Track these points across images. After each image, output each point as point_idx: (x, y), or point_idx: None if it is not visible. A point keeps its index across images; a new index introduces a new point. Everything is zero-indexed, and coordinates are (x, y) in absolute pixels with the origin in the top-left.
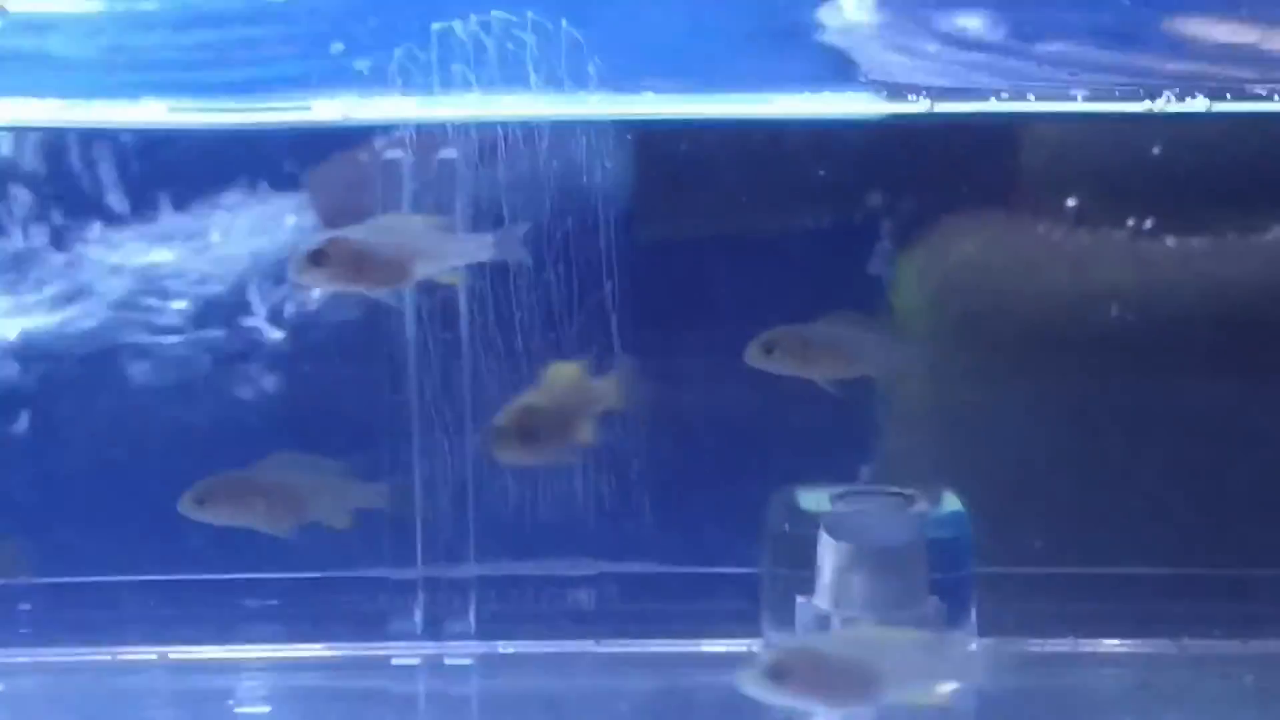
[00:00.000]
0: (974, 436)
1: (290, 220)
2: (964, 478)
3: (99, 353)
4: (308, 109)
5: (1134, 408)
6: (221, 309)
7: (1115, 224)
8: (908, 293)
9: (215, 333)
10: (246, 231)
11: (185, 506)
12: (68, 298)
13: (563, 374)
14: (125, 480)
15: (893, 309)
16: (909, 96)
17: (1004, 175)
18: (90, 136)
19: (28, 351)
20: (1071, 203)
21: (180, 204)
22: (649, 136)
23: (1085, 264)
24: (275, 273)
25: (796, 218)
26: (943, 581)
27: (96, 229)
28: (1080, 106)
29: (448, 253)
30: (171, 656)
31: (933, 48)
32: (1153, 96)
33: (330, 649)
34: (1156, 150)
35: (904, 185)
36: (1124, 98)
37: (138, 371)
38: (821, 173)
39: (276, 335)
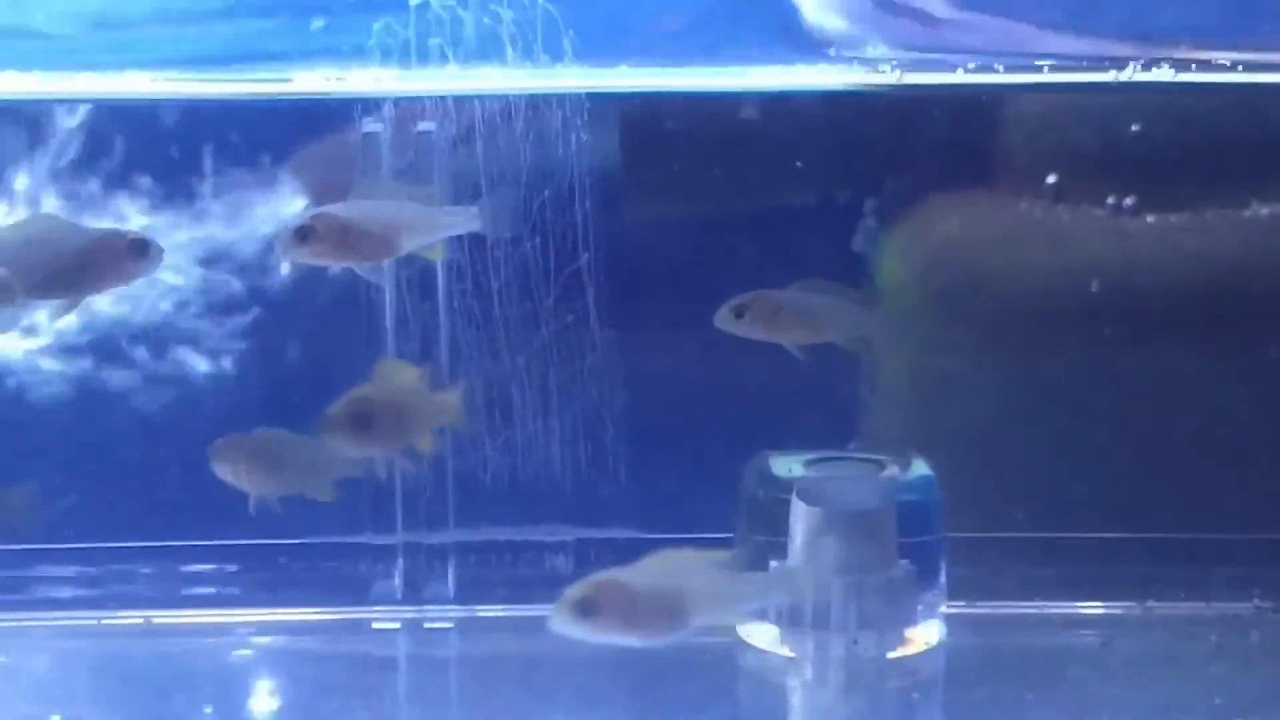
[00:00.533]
0: (949, 406)
1: (273, 194)
2: (937, 445)
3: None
4: (288, 80)
5: (1107, 378)
6: (201, 280)
7: (1095, 201)
8: (891, 268)
9: (194, 305)
10: (228, 204)
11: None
12: None
13: (397, 371)
14: (116, 451)
15: (876, 284)
16: (879, 68)
17: (985, 152)
18: (75, 108)
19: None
20: (1052, 179)
21: (161, 176)
22: (628, 110)
23: (1065, 240)
24: (254, 247)
25: (778, 193)
26: (912, 545)
27: (81, 200)
28: (1046, 78)
29: (435, 226)
30: (156, 621)
31: (904, 18)
32: (1119, 68)
33: (312, 613)
34: (1136, 127)
35: (887, 162)
36: (1090, 69)
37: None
38: (804, 150)
39: (256, 308)
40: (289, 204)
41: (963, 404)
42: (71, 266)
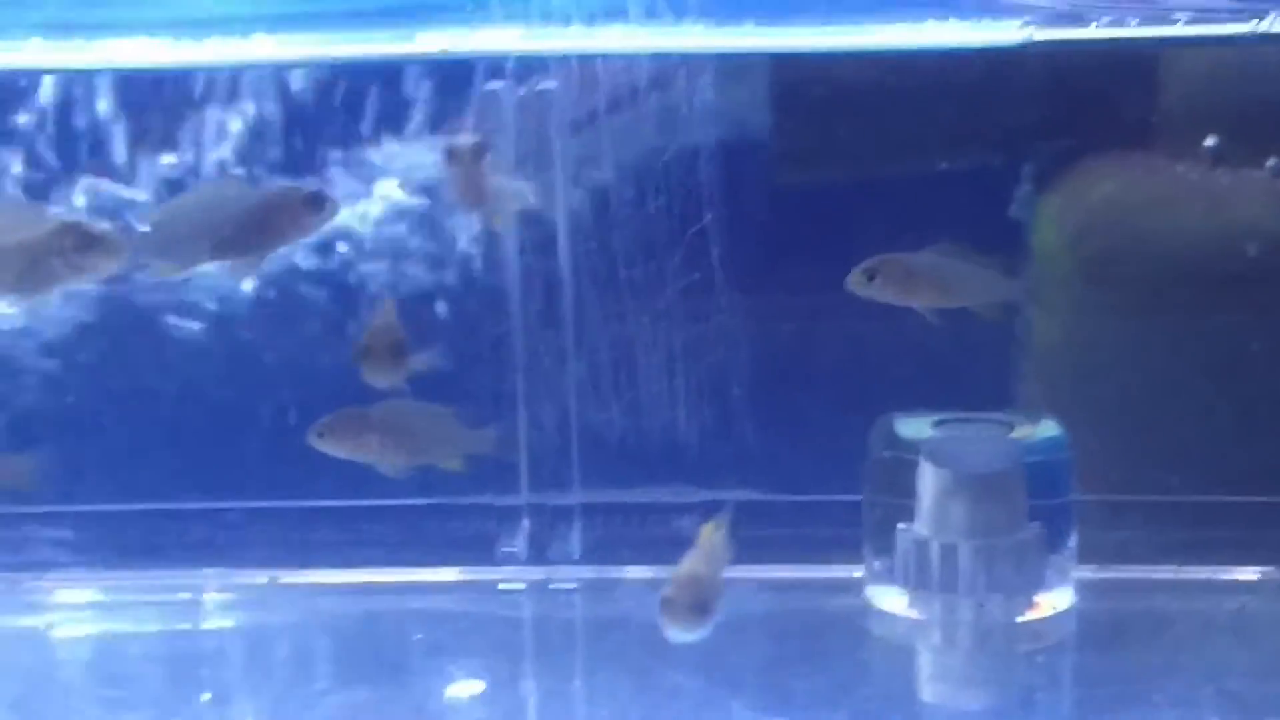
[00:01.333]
0: (1098, 370)
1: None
2: (1083, 408)
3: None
4: (411, 40)
5: (1259, 344)
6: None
7: (1254, 162)
8: (1045, 232)
9: (324, 270)
10: (352, 165)
11: (311, 439)
12: None
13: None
14: (252, 413)
15: (1028, 248)
16: (1020, 23)
17: (1143, 113)
18: (208, 73)
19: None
20: (1210, 141)
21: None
22: (755, 68)
23: (1222, 203)
24: (382, 207)
25: (908, 155)
26: (1042, 507)
27: (207, 162)
28: (1181, 31)
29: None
30: (281, 581)
31: None
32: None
33: (439, 573)
34: None
35: (1043, 124)
36: (1229, 20)
37: (255, 310)
38: (944, 110)
39: (384, 271)
40: (417, 163)
41: (1111, 368)
42: (251, 226)
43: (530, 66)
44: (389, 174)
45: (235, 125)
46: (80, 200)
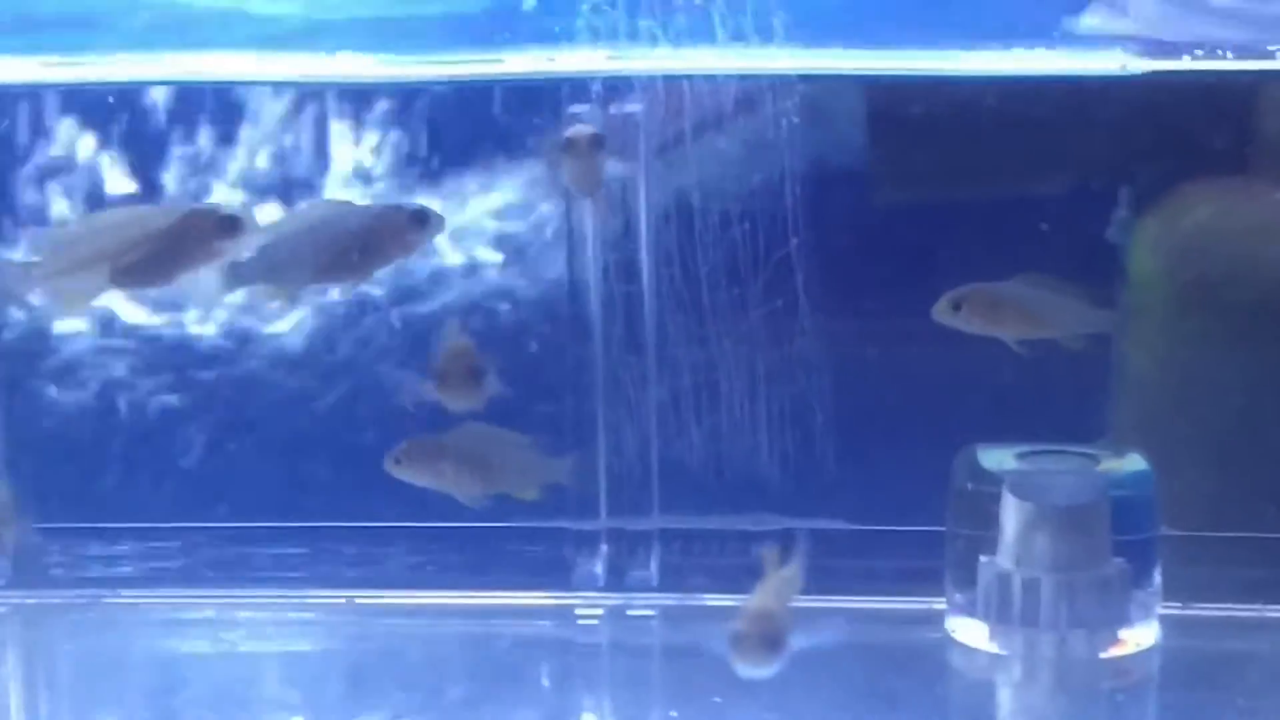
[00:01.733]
0: (1191, 401)
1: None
2: (1175, 440)
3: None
4: (500, 62)
5: None
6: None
7: None
8: (1141, 259)
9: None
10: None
11: (388, 465)
12: None
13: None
14: (324, 434)
15: (1127, 276)
16: (1129, 53)
17: (1241, 140)
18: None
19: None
20: None
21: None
22: (842, 92)
23: None
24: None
25: (994, 181)
26: (1127, 542)
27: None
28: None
29: None
30: (358, 601)
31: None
32: None
33: (516, 597)
34: None
35: (1140, 151)
36: None
37: (337, 334)
38: (1031, 137)
39: (460, 290)
40: (501, 186)
41: (1204, 398)
42: (356, 246)
43: (616, 88)
44: (474, 195)
45: (332, 143)
46: None
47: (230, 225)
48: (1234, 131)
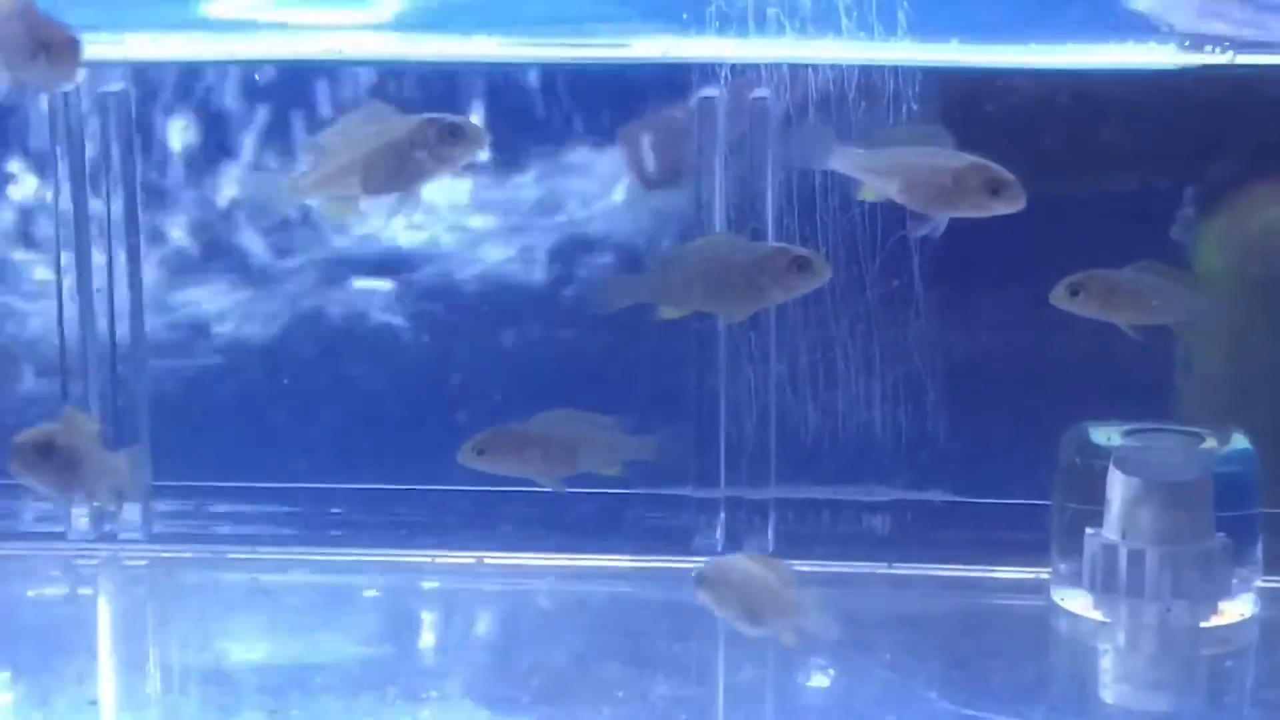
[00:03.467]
0: (1267, 388)
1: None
2: (1254, 426)
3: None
4: (627, 46)
5: None
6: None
7: None
8: (1208, 256)
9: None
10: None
11: (465, 457)
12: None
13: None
14: (449, 401)
15: (1193, 270)
16: (1207, 48)
17: None
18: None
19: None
20: None
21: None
22: (959, 84)
23: None
24: (587, 212)
25: (1101, 173)
26: (1229, 519)
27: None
28: None
29: None
30: (487, 561)
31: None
32: None
33: (638, 560)
34: None
35: (1206, 148)
36: None
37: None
38: (1124, 136)
39: (569, 282)
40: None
41: (1271, 393)
42: (741, 281)
43: (744, 74)
44: (605, 172)
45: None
46: None
47: (455, 132)
48: None
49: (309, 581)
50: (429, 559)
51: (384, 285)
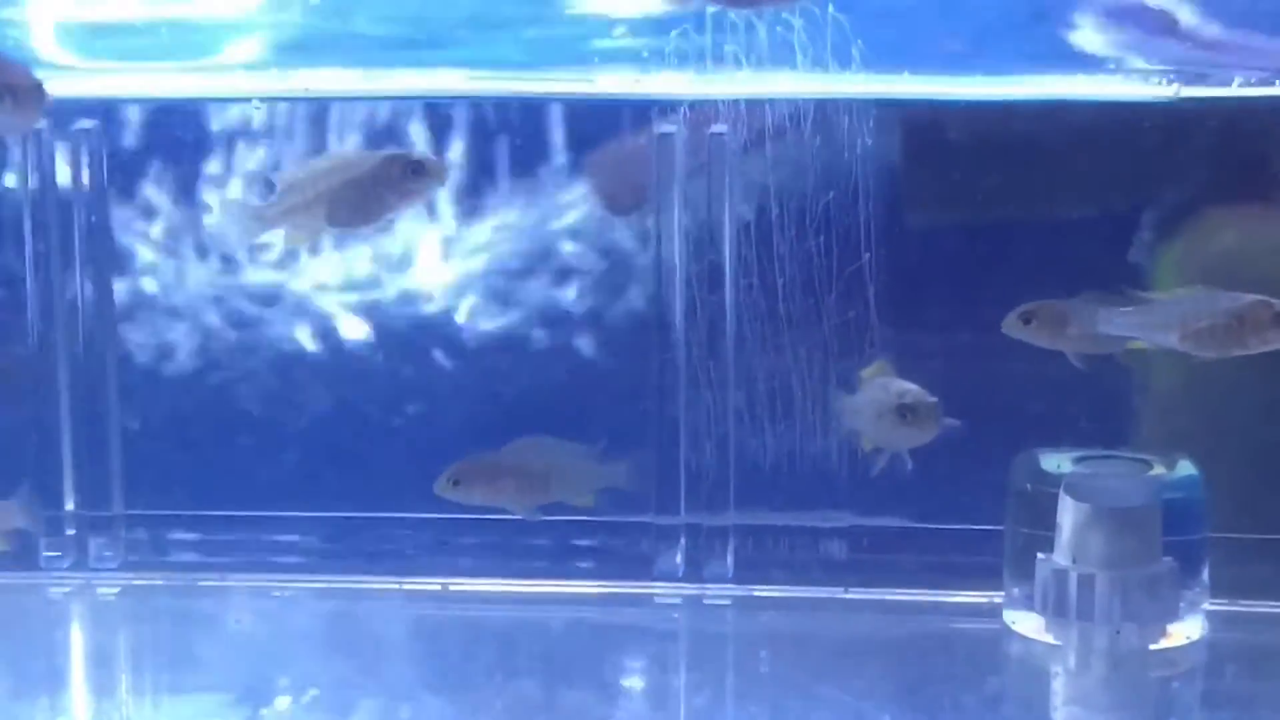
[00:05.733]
0: (1223, 412)
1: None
2: (1210, 450)
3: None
4: (591, 82)
5: None
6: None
7: None
8: (1166, 281)
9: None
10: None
11: (440, 488)
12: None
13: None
14: (417, 429)
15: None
16: (1155, 81)
17: (1263, 165)
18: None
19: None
20: None
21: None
22: (912, 116)
23: None
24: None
25: (1054, 203)
26: (1177, 543)
27: None
28: None
29: None
30: (452, 588)
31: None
32: None
33: (600, 586)
34: None
35: (1162, 175)
36: None
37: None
38: (1079, 161)
39: (560, 301)
40: (589, 198)
41: (1236, 411)
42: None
43: (702, 110)
44: (570, 204)
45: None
46: None
47: (417, 169)
48: (1257, 156)
49: (277, 608)
50: (396, 585)
51: (346, 316)
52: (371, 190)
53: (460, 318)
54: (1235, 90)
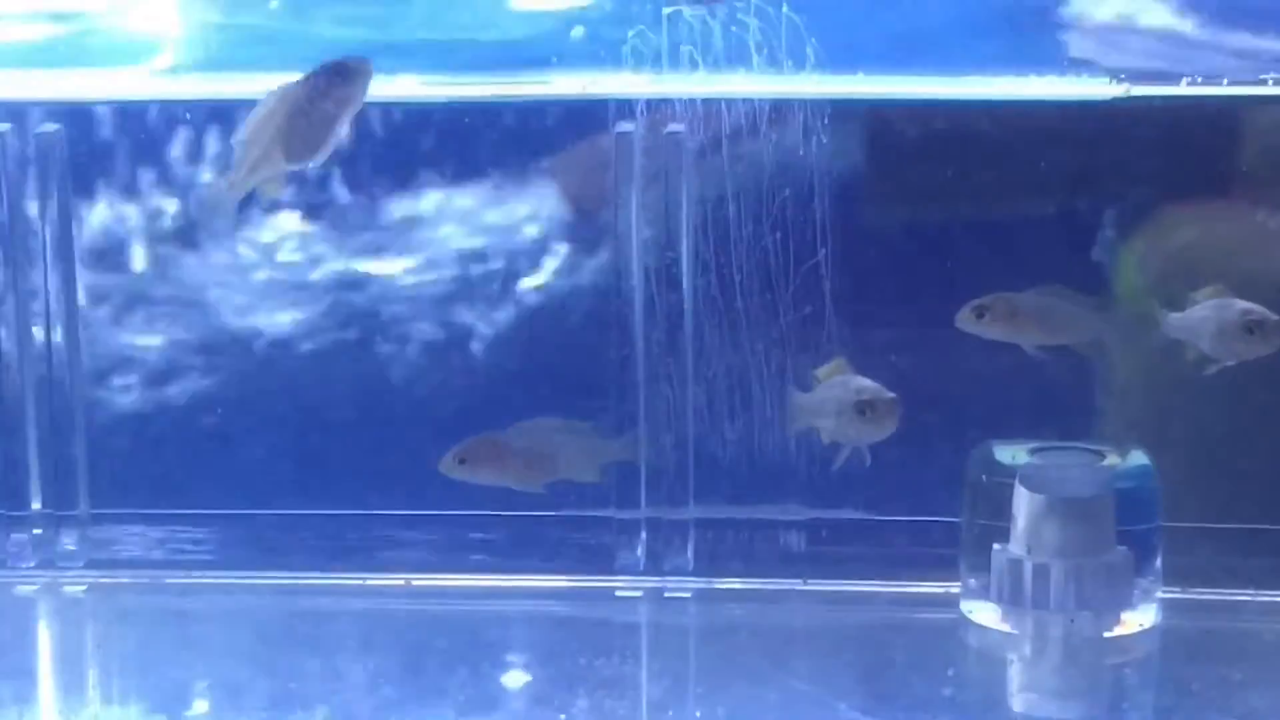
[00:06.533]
0: (1179, 406)
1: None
2: (1166, 442)
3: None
4: (548, 84)
5: None
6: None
7: None
8: (1128, 277)
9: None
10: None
11: (446, 466)
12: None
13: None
14: (389, 426)
15: (1113, 290)
16: (1109, 80)
17: (1224, 163)
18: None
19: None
20: None
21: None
22: (867, 115)
23: None
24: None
25: (1009, 199)
26: (1130, 532)
27: (339, 201)
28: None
29: None
30: (415, 583)
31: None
32: None
33: (561, 580)
34: None
35: (1123, 173)
36: None
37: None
38: (1037, 159)
39: (509, 297)
40: (549, 199)
41: (1192, 404)
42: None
43: (659, 110)
44: (532, 206)
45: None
46: None
47: (342, 70)
48: (1217, 155)
49: (243, 605)
50: (359, 581)
51: (307, 314)
52: (312, 111)
53: (418, 317)
54: (1184, 89)
